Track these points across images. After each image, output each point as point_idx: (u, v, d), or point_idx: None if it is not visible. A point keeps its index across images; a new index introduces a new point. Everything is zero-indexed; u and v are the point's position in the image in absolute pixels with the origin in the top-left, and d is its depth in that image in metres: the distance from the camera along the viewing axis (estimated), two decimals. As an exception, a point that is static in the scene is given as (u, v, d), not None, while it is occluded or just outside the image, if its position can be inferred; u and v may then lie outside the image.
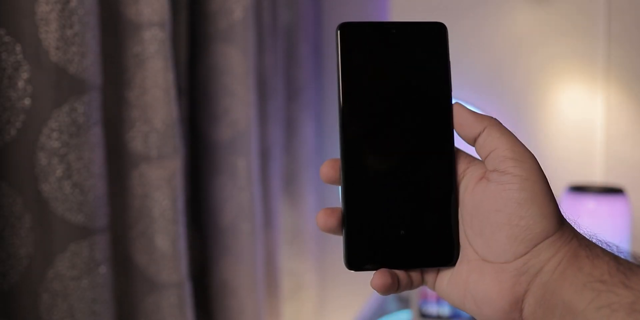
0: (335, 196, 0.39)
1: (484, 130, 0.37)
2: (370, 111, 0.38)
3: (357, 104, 0.38)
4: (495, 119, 0.38)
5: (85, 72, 0.60)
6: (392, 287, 0.37)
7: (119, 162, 0.72)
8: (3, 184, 0.56)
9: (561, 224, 0.35)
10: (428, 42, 0.39)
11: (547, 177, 0.36)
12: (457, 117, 0.38)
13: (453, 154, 0.39)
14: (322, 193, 1.33)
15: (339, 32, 0.39)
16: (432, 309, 1.11)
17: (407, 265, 0.38)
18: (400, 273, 0.38)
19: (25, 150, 0.57)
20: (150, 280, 0.73)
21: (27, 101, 0.56)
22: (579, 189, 1.11)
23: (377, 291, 0.37)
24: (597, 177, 1.27)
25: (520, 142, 0.37)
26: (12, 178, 0.56)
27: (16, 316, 0.57)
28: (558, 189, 1.25)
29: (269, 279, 1.08)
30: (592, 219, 1.07)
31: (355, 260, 0.38)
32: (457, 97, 0.39)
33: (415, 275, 0.39)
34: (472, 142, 0.38)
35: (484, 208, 0.36)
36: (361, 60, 0.38)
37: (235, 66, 0.89)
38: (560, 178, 1.26)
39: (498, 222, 0.35)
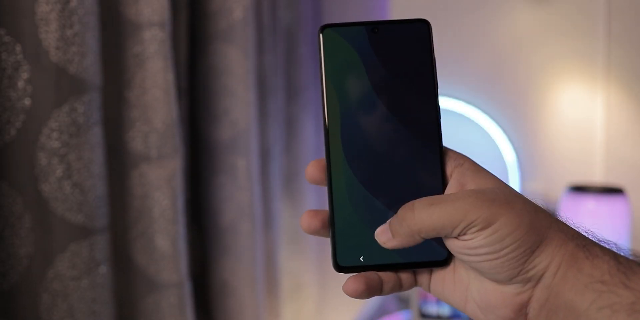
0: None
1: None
2: (356, 113, 0.38)
3: (342, 107, 0.38)
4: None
5: (85, 72, 0.60)
6: (368, 292, 0.36)
7: (119, 162, 0.72)
8: (3, 184, 0.56)
9: (546, 230, 0.34)
10: (412, 40, 0.38)
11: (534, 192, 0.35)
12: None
13: (441, 153, 0.38)
14: (322, 193, 1.33)
15: (321, 35, 0.38)
16: (432, 309, 1.11)
17: (397, 267, 0.37)
18: (386, 275, 0.37)
19: (25, 150, 0.57)
20: (150, 280, 0.73)
21: (27, 101, 0.56)
22: (579, 189, 1.11)
23: (349, 296, 0.36)
24: (597, 177, 1.27)
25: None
26: (12, 178, 0.56)
27: (16, 316, 0.57)
28: (558, 189, 1.25)
29: (269, 278, 1.08)
30: (592, 219, 1.07)
31: (343, 263, 0.37)
32: (458, 97, 0.39)
33: (406, 276, 0.38)
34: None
35: None
36: (345, 62, 0.38)
37: (235, 66, 0.89)
38: (560, 178, 1.26)
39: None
